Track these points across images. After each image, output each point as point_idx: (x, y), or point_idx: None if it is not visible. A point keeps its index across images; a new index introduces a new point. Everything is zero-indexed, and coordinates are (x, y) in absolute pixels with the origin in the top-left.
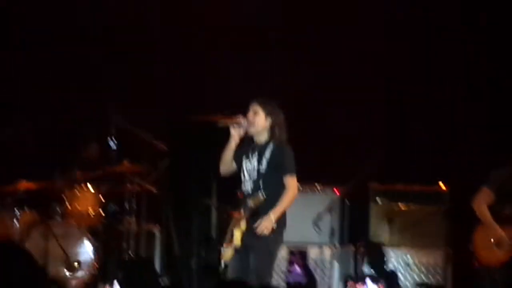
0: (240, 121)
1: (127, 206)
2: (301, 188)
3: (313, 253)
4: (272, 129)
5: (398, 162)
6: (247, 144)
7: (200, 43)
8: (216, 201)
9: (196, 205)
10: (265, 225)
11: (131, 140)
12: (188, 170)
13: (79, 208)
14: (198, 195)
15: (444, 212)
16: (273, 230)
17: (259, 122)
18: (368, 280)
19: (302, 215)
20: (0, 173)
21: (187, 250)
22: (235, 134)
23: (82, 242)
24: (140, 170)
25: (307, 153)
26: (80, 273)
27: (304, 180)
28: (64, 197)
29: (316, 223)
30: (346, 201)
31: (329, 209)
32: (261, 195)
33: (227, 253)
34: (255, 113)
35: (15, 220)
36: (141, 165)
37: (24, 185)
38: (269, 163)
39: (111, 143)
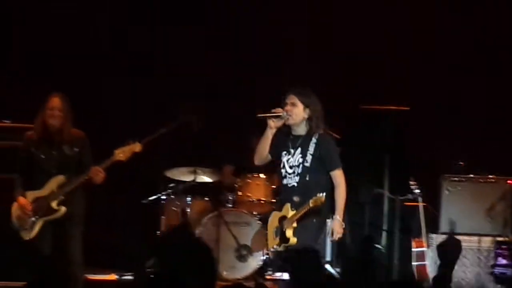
0: (279, 112)
1: None
2: (475, 178)
3: (485, 243)
4: (310, 120)
5: None
6: (283, 136)
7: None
8: (388, 190)
9: (368, 194)
10: (338, 230)
11: None
12: (361, 159)
13: (250, 196)
14: (370, 184)
15: None
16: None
17: (297, 113)
18: None
19: (474, 206)
20: (174, 161)
21: (359, 239)
22: (273, 125)
23: (253, 230)
24: None
25: (480, 145)
26: (250, 260)
27: (477, 170)
28: (236, 185)
29: (489, 214)
30: None
31: (502, 200)
32: (321, 196)
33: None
34: (293, 104)
35: (187, 208)
36: None
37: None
38: (313, 156)
39: None
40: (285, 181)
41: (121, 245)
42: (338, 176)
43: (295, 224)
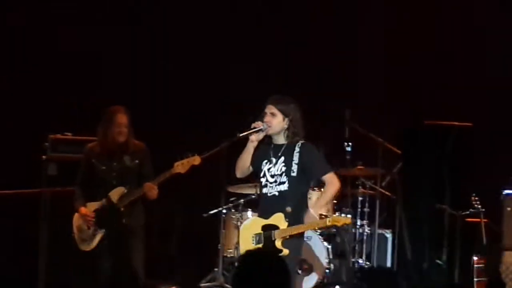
0: (259, 126)
1: (360, 209)
2: None
3: None
4: (290, 128)
5: None
6: (264, 146)
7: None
8: (449, 206)
9: (429, 209)
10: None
11: (365, 144)
12: (421, 174)
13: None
14: (431, 199)
15: None
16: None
17: (277, 123)
18: None
19: None
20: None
21: (419, 254)
22: (254, 139)
23: (314, 244)
24: (373, 173)
25: None
26: (311, 275)
27: None
28: None
29: None
30: None
31: None
32: (347, 218)
33: None
34: (272, 114)
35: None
36: (375, 169)
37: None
38: (298, 166)
39: (346, 147)
40: (265, 190)
41: (181, 258)
42: (332, 177)
43: (287, 236)
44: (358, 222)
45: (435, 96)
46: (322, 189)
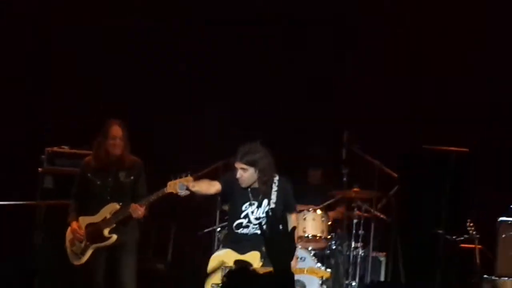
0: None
1: (355, 231)
2: None
3: None
4: (261, 178)
5: None
6: (239, 187)
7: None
8: (444, 231)
9: (424, 234)
10: None
11: (362, 166)
12: (418, 198)
13: (305, 231)
14: (427, 223)
15: None
16: None
17: (248, 177)
18: None
19: None
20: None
21: (413, 278)
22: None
23: (306, 265)
24: (369, 196)
25: None
26: None
27: None
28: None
29: None
30: None
31: None
32: None
33: None
34: (243, 169)
35: None
36: (371, 191)
37: None
38: (277, 205)
39: (343, 169)
40: (245, 231)
41: (174, 275)
42: (296, 218)
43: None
44: (353, 244)
45: (434, 121)
46: (316, 211)
